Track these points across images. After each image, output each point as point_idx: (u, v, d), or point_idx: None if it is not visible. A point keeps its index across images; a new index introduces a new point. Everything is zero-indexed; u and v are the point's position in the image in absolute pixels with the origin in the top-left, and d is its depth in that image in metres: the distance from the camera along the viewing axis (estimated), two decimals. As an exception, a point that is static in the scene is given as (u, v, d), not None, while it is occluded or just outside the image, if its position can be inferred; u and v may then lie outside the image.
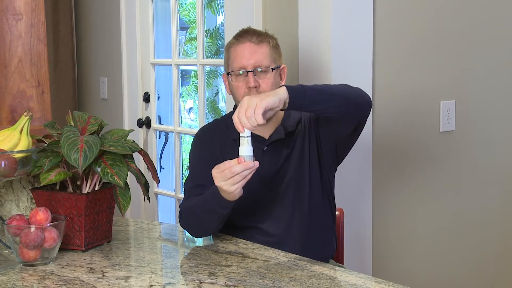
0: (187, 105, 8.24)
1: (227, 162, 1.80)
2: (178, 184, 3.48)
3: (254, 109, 1.75)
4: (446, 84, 2.89)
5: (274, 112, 2.01)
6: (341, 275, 1.73)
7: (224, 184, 1.82)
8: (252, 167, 1.79)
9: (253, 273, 1.73)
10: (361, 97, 1.98)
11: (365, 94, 2.00)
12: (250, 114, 1.75)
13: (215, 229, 2.01)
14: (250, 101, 1.77)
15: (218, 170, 1.83)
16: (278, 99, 1.79)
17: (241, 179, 1.80)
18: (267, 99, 1.77)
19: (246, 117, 1.75)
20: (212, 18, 7.54)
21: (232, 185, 1.81)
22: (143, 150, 2.03)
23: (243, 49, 2.08)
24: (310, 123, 2.13)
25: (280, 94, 1.80)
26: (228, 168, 1.79)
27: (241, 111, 1.77)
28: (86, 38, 4.04)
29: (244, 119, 1.76)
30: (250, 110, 1.75)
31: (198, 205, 1.97)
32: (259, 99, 1.77)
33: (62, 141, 1.84)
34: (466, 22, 2.91)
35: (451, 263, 2.99)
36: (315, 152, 2.12)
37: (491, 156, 3.05)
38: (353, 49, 2.59)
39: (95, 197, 1.93)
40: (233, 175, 1.79)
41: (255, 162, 1.80)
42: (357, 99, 1.97)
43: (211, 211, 1.92)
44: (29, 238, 1.77)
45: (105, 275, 1.73)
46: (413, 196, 2.85)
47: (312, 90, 1.86)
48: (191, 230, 2.04)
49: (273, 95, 1.79)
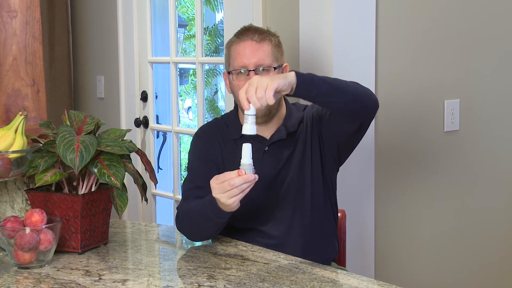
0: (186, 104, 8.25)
1: (227, 174, 1.81)
2: (176, 185, 3.48)
3: (264, 89, 1.75)
4: (450, 83, 2.89)
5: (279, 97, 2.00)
6: (343, 278, 1.73)
7: (222, 197, 1.82)
8: (252, 181, 1.80)
9: (253, 276, 1.73)
10: (369, 98, 1.99)
11: (373, 96, 2.01)
12: (261, 95, 1.75)
13: (212, 235, 2.01)
14: (261, 81, 1.76)
15: (217, 181, 1.83)
16: (288, 82, 1.79)
17: (239, 192, 1.80)
18: (278, 80, 1.77)
19: (257, 97, 1.75)
20: (211, 15, 7.54)
21: (229, 197, 1.81)
22: (140, 150, 2.03)
23: (244, 48, 2.08)
24: (312, 123, 2.13)
25: (289, 78, 1.81)
26: (227, 180, 1.80)
27: (250, 89, 1.76)
28: (82, 35, 4.04)
29: (254, 98, 1.75)
30: (261, 90, 1.75)
31: (195, 211, 1.97)
32: (270, 79, 1.77)
33: (58, 141, 1.84)
34: (471, 19, 2.91)
35: (455, 265, 2.98)
36: (317, 152, 2.12)
37: (497, 157, 3.05)
38: (355, 47, 2.59)
39: (92, 198, 1.93)
40: (232, 188, 1.79)
41: (255, 176, 1.81)
42: (364, 99, 1.97)
43: (208, 219, 1.93)
44: (24, 240, 1.77)
45: (102, 278, 1.73)
46: (417, 197, 2.85)
47: (321, 81, 1.87)
48: (187, 234, 2.04)
49: (283, 78, 1.79)
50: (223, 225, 1.95)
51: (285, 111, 2.16)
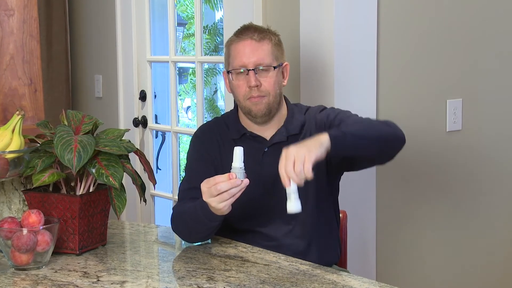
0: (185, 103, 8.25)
1: (217, 177, 1.81)
2: (175, 185, 3.48)
3: (303, 163, 1.73)
4: (452, 82, 2.89)
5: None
6: (344, 280, 1.73)
7: (212, 201, 1.83)
8: (240, 185, 1.79)
9: (253, 277, 1.73)
10: (397, 139, 1.97)
11: (401, 134, 1.98)
12: (300, 169, 1.72)
13: (205, 237, 2.02)
14: (298, 154, 1.74)
15: (207, 185, 1.83)
16: (324, 148, 1.78)
17: (229, 197, 1.80)
18: (315, 150, 1.75)
19: (296, 172, 1.73)
20: (211, 14, 7.54)
21: (219, 202, 1.81)
22: (139, 151, 2.03)
23: (244, 47, 2.08)
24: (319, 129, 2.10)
25: (325, 144, 1.79)
26: (214, 184, 1.80)
27: (288, 164, 1.74)
28: (80, 34, 4.03)
29: (293, 174, 1.73)
30: (299, 164, 1.73)
31: (188, 213, 1.97)
32: (307, 151, 1.74)
33: (56, 141, 1.84)
34: (473, 17, 2.91)
35: (457, 267, 2.98)
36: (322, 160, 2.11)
37: (500, 157, 3.05)
38: (356, 45, 2.59)
39: (90, 199, 1.93)
40: (220, 193, 1.80)
41: (245, 180, 1.80)
42: (393, 143, 1.97)
43: (200, 222, 1.93)
44: (21, 242, 1.77)
45: (100, 279, 1.73)
46: (418, 198, 2.85)
47: (353, 136, 1.86)
48: (181, 235, 2.05)
49: (319, 146, 1.77)
50: (216, 227, 1.95)
51: (287, 112, 2.15)
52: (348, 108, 2.13)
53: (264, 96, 2.06)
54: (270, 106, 2.07)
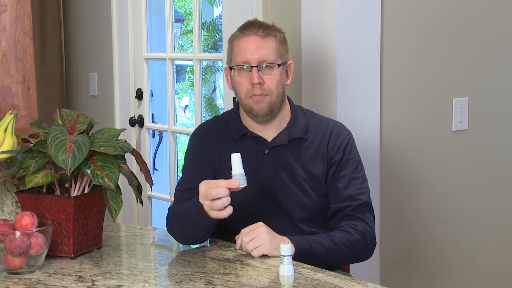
0: (183, 102, 8.25)
1: (220, 181, 1.84)
2: (172, 187, 3.48)
3: (255, 247, 1.88)
4: (458, 80, 2.89)
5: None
6: (347, 284, 1.73)
7: (205, 204, 1.86)
8: None
9: (253, 281, 1.73)
10: (362, 259, 2.09)
11: (370, 254, 2.08)
12: (249, 250, 1.89)
13: (200, 238, 2.01)
14: (260, 239, 1.89)
15: (205, 187, 1.86)
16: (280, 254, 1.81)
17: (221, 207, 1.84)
18: (271, 249, 1.88)
19: (245, 248, 1.90)
20: (209, 10, 7.54)
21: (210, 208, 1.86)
22: (135, 151, 2.03)
23: (247, 43, 2.07)
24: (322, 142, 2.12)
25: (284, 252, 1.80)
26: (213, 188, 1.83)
27: (247, 237, 1.89)
28: (75, 31, 4.04)
29: (245, 245, 1.89)
30: (251, 246, 1.88)
31: (183, 213, 1.97)
32: (269, 243, 1.89)
33: (49, 141, 1.84)
34: (479, 15, 2.91)
35: (463, 270, 2.98)
36: (324, 169, 2.11)
37: (506, 157, 3.05)
38: (359, 43, 2.59)
39: (85, 200, 1.93)
40: (214, 198, 1.83)
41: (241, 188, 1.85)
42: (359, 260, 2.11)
43: (193, 221, 1.93)
44: (14, 245, 1.77)
45: (95, 284, 1.73)
46: (423, 199, 2.85)
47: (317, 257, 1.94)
48: (176, 236, 2.05)
49: (277, 249, 1.85)
50: (211, 228, 1.95)
51: (290, 114, 2.15)
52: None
53: (267, 95, 2.06)
54: (272, 105, 2.07)
